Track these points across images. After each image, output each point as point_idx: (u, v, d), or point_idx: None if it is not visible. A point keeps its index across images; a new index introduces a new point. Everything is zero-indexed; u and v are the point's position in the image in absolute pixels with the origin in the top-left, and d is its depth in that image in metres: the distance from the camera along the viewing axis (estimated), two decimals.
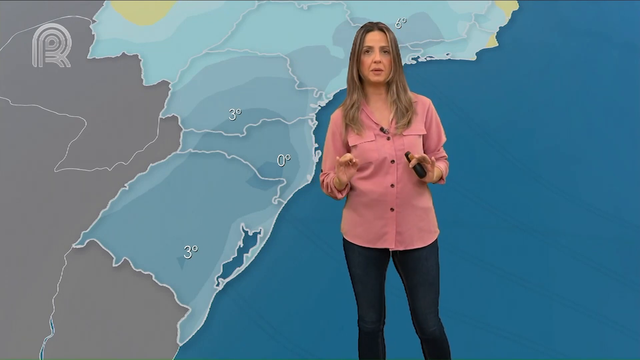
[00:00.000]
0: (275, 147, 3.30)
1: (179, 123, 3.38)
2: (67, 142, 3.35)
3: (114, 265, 3.04)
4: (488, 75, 3.53)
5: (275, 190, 3.21)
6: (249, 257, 3.06)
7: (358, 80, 2.07)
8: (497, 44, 3.63)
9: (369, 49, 2.04)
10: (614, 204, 3.18)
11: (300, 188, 3.21)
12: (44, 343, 2.87)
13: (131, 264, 3.04)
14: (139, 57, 3.61)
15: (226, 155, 3.30)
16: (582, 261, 3.05)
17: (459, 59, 3.56)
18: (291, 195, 3.20)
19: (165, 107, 3.43)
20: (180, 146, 3.32)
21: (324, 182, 2.13)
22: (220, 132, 3.35)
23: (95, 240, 3.09)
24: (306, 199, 3.19)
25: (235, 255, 3.06)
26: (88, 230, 3.11)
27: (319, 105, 3.42)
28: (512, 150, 3.28)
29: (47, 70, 3.60)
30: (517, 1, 3.78)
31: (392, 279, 2.23)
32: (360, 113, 2.07)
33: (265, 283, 3.01)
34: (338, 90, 3.46)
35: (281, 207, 3.17)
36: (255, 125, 3.37)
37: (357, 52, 2.07)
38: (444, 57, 3.55)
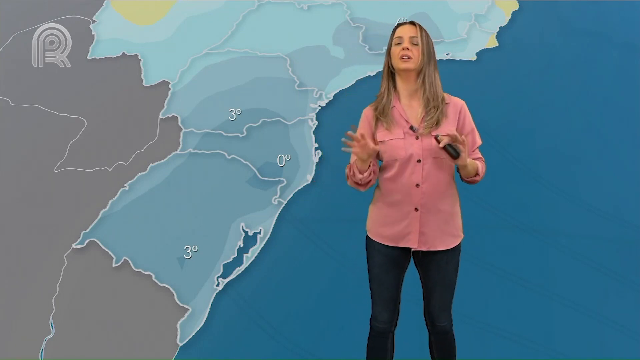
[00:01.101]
0: (275, 147, 3.30)
1: (179, 123, 3.38)
2: (67, 142, 3.35)
3: (114, 265, 3.04)
4: (488, 75, 3.53)
5: (275, 190, 3.21)
6: (249, 257, 3.06)
7: (389, 74, 2.12)
8: (497, 44, 3.63)
9: (400, 40, 2.08)
10: (614, 204, 3.18)
11: (300, 188, 3.21)
12: (44, 343, 2.88)
13: (131, 264, 3.04)
14: (139, 57, 3.61)
15: (226, 155, 3.30)
16: (582, 261, 3.05)
17: (459, 59, 3.56)
18: (291, 195, 3.20)
19: (165, 107, 3.43)
20: (180, 146, 3.32)
21: (349, 174, 2.11)
22: (220, 132, 3.35)
23: (95, 240, 3.09)
24: (306, 199, 3.19)
25: (235, 255, 3.06)
26: (88, 230, 3.11)
27: (319, 105, 3.42)
28: (512, 150, 3.28)
29: (47, 70, 3.60)
30: (517, 1, 3.78)
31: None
32: (392, 109, 2.08)
33: (265, 283, 3.01)
34: (338, 90, 3.46)
35: (281, 207, 3.17)
36: (255, 125, 3.37)
37: (389, 47, 2.12)
38: (444, 57, 3.55)
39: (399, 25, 2.12)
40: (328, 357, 2.80)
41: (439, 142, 1.95)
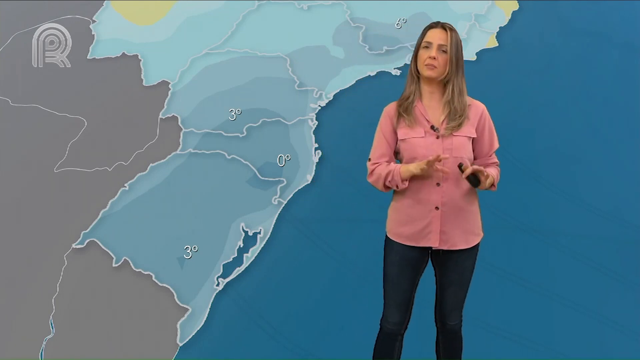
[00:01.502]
0: (275, 147, 3.30)
1: (179, 123, 3.38)
2: (67, 142, 3.35)
3: (114, 265, 3.04)
4: (488, 75, 3.53)
5: (275, 190, 3.21)
6: (249, 257, 3.06)
7: (416, 75, 2.10)
8: (497, 44, 3.63)
9: (428, 45, 2.06)
10: (614, 204, 3.18)
11: (300, 188, 3.21)
12: (44, 343, 2.87)
13: (131, 264, 3.04)
14: (139, 57, 3.61)
15: (226, 155, 3.30)
16: (582, 261, 3.05)
17: None
18: (291, 195, 3.20)
19: (165, 107, 3.43)
20: (180, 146, 3.32)
21: (375, 171, 2.11)
22: (220, 132, 3.35)
23: (95, 240, 3.09)
24: (306, 199, 3.19)
25: (235, 255, 3.06)
26: (88, 230, 3.11)
27: (319, 105, 3.42)
28: (512, 150, 3.28)
29: (47, 70, 3.60)
30: (517, 1, 3.78)
31: None
32: (414, 108, 2.09)
33: (265, 283, 3.01)
34: (338, 90, 3.46)
35: (281, 207, 3.17)
36: (255, 125, 3.37)
37: (417, 47, 2.10)
38: None
39: (431, 27, 2.09)
40: (328, 357, 2.80)
41: (462, 170, 1.98)
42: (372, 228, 3.10)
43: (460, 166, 1.99)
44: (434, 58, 2.03)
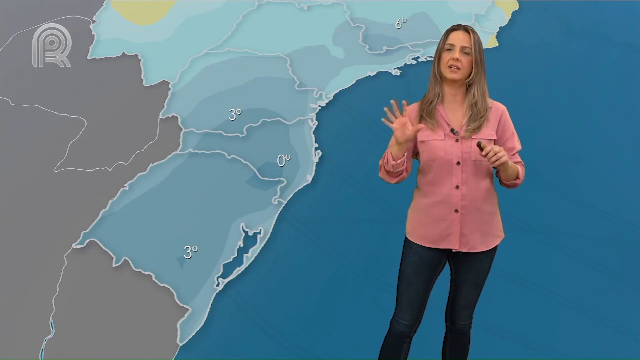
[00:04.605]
0: (275, 147, 3.31)
1: (179, 123, 3.38)
2: (67, 142, 3.35)
3: (114, 265, 3.04)
4: (488, 75, 3.51)
5: (275, 190, 3.21)
6: (249, 257, 3.06)
7: (439, 77, 2.09)
8: (497, 44, 3.63)
9: (451, 47, 2.05)
10: (614, 204, 3.19)
11: (300, 188, 3.21)
12: (44, 343, 2.88)
13: (131, 264, 3.04)
14: (139, 57, 3.61)
15: (226, 155, 3.30)
16: (582, 261, 3.05)
17: None
18: (291, 195, 3.20)
19: (165, 107, 3.43)
20: (180, 146, 3.32)
21: (382, 162, 2.11)
22: (220, 132, 3.35)
23: (95, 240, 3.09)
24: (306, 199, 3.19)
25: (235, 255, 3.06)
26: (88, 230, 3.11)
27: (319, 105, 3.42)
28: None
29: (47, 70, 3.60)
30: (517, 1, 3.78)
31: None
32: (436, 111, 2.08)
33: (265, 283, 3.01)
34: (338, 90, 3.46)
35: (281, 207, 3.17)
36: (255, 125, 3.37)
37: (439, 50, 2.08)
38: None
39: (453, 29, 2.08)
40: (328, 357, 2.80)
41: (481, 149, 1.95)
42: (372, 228, 3.11)
43: (479, 144, 1.96)
44: (457, 59, 2.02)
